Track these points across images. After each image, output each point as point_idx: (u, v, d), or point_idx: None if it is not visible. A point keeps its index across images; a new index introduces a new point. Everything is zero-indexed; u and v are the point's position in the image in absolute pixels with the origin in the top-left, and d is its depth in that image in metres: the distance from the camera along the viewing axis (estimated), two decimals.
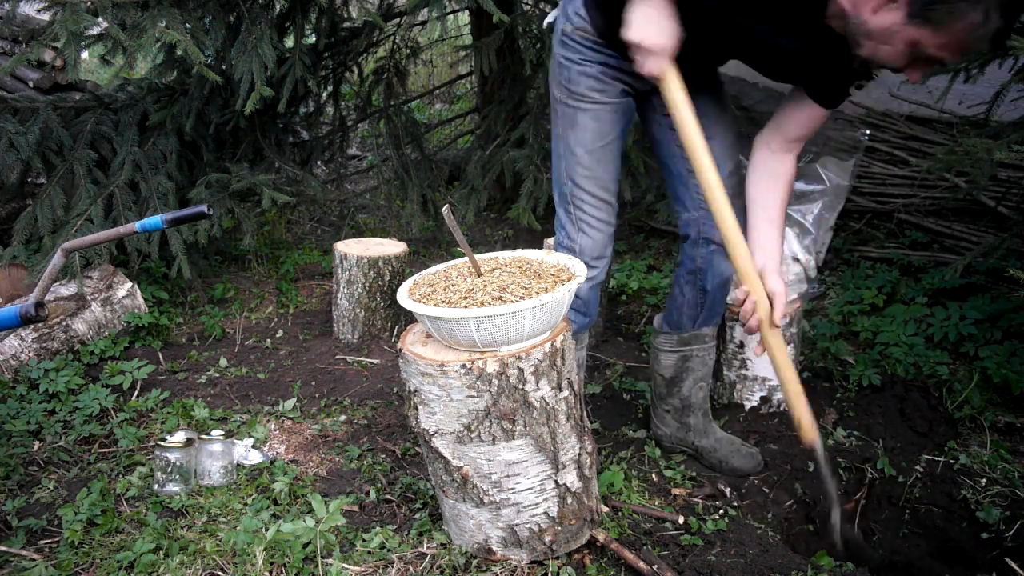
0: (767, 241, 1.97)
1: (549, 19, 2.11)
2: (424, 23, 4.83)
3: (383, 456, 2.38)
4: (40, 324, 2.64)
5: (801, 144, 2.03)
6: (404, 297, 1.74)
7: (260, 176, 3.49)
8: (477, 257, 1.87)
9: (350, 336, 3.21)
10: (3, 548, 1.90)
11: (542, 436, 1.71)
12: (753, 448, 2.37)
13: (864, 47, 1.63)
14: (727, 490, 2.22)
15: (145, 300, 3.24)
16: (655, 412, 2.40)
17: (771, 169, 2.00)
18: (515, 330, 1.63)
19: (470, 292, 1.70)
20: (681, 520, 2.02)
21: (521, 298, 1.64)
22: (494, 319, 1.59)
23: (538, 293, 1.66)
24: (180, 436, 2.20)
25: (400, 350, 1.75)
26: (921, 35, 1.54)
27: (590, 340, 3.23)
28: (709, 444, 2.34)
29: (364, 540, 1.90)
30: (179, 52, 3.14)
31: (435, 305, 1.67)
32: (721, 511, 2.11)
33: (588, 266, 2.05)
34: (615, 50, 1.91)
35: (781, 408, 2.59)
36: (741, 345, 2.56)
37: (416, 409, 1.74)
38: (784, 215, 2.02)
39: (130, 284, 3.19)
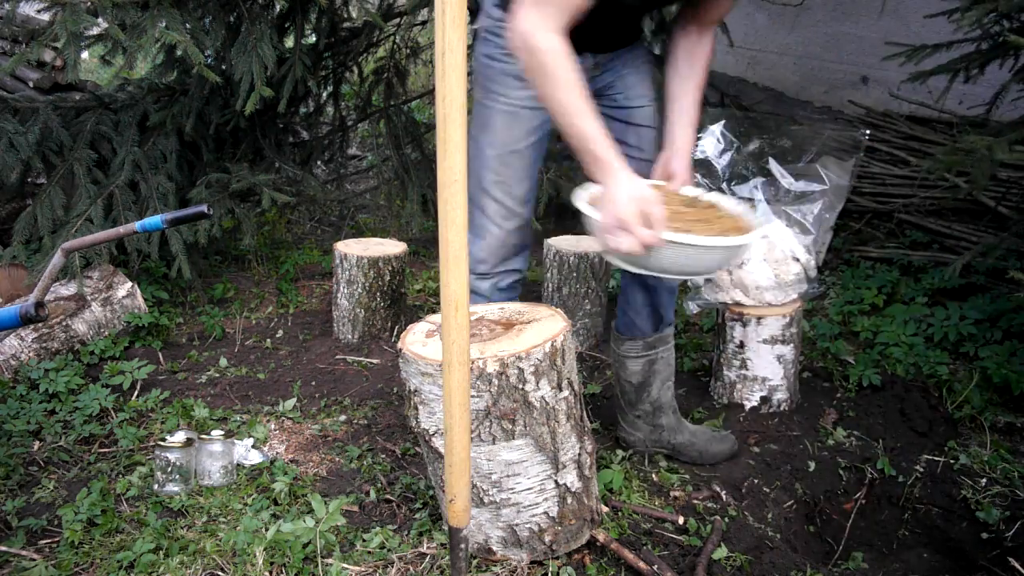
0: (678, 134, 1.96)
1: (476, 25, 2.01)
2: (424, 23, 4.83)
3: (383, 456, 2.38)
4: (40, 324, 2.64)
5: (717, 24, 2.02)
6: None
7: (260, 176, 3.49)
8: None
9: (350, 336, 3.21)
10: (3, 548, 1.90)
11: (542, 436, 1.71)
12: (726, 432, 2.38)
13: None
14: (722, 492, 2.22)
15: (145, 300, 3.24)
16: (624, 419, 2.37)
17: (690, 52, 1.99)
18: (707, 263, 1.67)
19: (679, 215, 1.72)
20: (681, 520, 2.02)
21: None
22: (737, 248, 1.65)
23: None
24: (180, 436, 2.20)
25: (400, 350, 1.75)
26: None
27: (589, 340, 3.23)
28: (685, 439, 2.33)
29: (364, 540, 1.90)
30: (179, 52, 3.15)
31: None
32: (721, 511, 2.11)
33: (475, 273, 2.01)
34: None
35: (781, 408, 2.59)
36: (741, 345, 2.56)
37: (416, 409, 1.74)
38: (699, 102, 1.99)
39: (130, 284, 3.19)
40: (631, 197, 1.59)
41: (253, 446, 2.41)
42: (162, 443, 2.18)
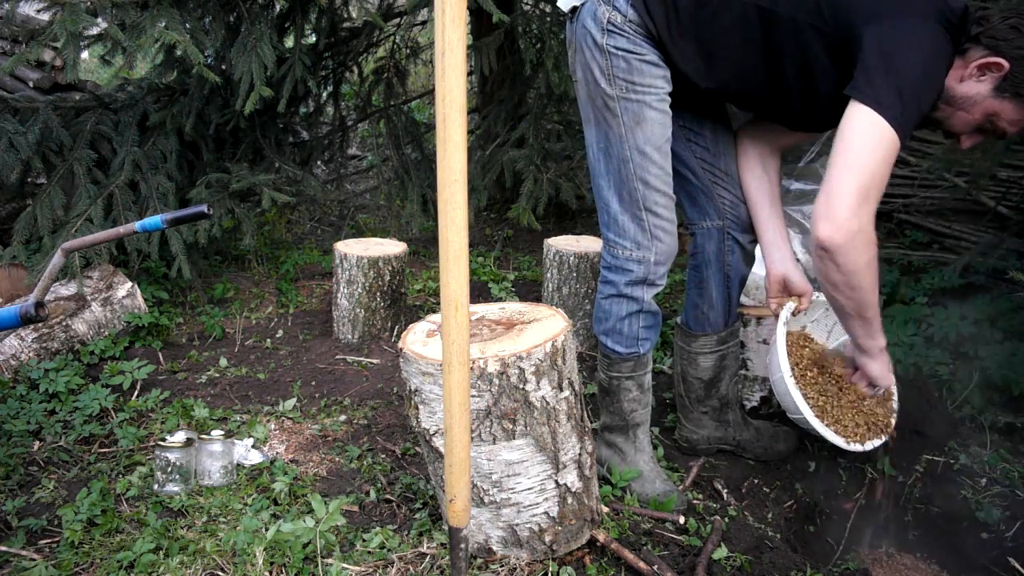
0: (780, 239, 2.08)
1: (574, 2, 1.92)
2: (424, 23, 4.84)
3: (383, 456, 2.38)
4: (40, 324, 2.64)
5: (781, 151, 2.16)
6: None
7: (260, 176, 3.48)
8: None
9: (350, 336, 3.21)
10: (3, 548, 1.90)
11: (543, 436, 1.71)
12: (785, 427, 2.38)
13: (940, 111, 1.72)
14: (724, 491, 2.22)
15: (145, 300, 3.24)
16: (688, 417, 2.37)
17: (766, 169, 2.10)
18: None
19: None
20: (681, 520, 2.02)
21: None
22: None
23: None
24: (180, 436, 2.20)
25: (401, 350, 1.75)
26: (1003, 107, 1.66)
27: (590, 340, 3.23)
28: (751, 436, 2.35)
29: (364, 540, 1.90)
30: (179, 52, 3.14)
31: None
32: (721, 511, 2.11)
33: (656, 284, 2.02)
34: (660, 48, 1.87)
35: (781, 408, 2.59)
36: (741, 345, 2.56)
37: (416, 409, 1.74)
38: (780, 210, 2.13)
39: (130, 284, 3.19)
40: (890, 368, 1.96)
41: (253, 446, 2.40)
42: (162, 443, 2.17)
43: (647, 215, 1.95)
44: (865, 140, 1.59)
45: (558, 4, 1.97)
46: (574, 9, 1.92)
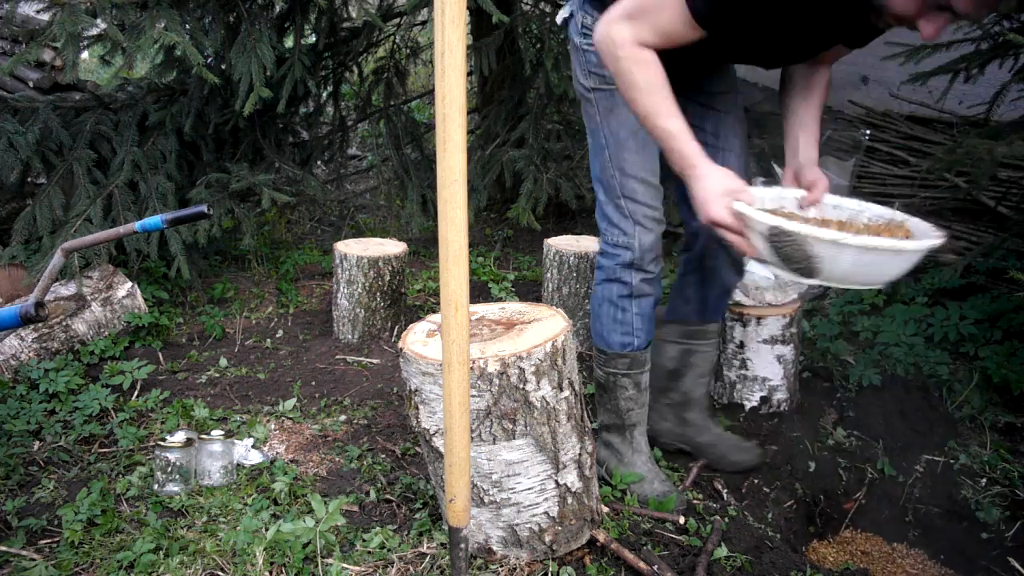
0: (803, 146, 1.90)
1: (564, 14, 2.04)
2: (424, 23, 4.83)
3: (383, 456, 2.38)
4: (40, 324, 2.64)
5: (833, 62, 1.95)
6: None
7: (260, 176, 3.48)
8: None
9: (350, 336, 3.21)
10: (3, 548, 1.90)
11: (543, 436, 1.71)
12: (751, 443, 2.37)
13: None
14: (724, 491, 2.22)
15: (145, 300, 3.24)
16: (654, 407, 2.37)
17: (805, 79, 1.92)
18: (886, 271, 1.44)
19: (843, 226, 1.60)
20: (681, 520, 2.02)
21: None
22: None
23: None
24: (180, 436, 2.20)
25: (401, 350, 1.75)
26: None
27: (590, 340, 3.22)
28: (708, 440, 2.34)
29: (364, 540, 1.90)
30: (178, 52, 3.14)
31: None
32: (721, 511, 2.11)
33: (645, 271, 2.01)
34: None
35: (781, 408, 2.59)
36: (741, 345, 2.56)
37: (417, 409, 1.74)
38: (818, 121, 1.93)
39: (130, 284, 3.19)
40: (718, 194, 1.56)
41: (253, 446, 2.40)
42: (162, 443, 2.17)
43: (625, 202, 1.99)
44: None
45: (556, 19, 2.06)
46: (565, 21, 2.03)
